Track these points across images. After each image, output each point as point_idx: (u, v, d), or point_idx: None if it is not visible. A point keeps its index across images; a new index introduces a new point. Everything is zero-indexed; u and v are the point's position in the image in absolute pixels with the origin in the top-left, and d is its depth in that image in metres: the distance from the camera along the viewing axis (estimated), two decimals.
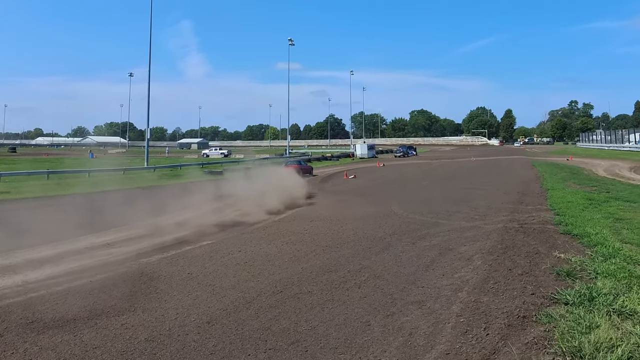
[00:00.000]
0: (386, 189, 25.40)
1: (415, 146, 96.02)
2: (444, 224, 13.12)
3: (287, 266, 9.14)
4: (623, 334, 5.28)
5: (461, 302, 6.73)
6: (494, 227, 12.37)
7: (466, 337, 5.50)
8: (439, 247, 10.38)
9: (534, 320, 5.91)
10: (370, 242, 11.13)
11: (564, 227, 11.71)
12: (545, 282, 7.44)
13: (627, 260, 8.44)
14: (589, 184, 23.62)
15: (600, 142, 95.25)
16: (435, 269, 8.57)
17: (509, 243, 10.43)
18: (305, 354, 5.26)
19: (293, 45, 77.00)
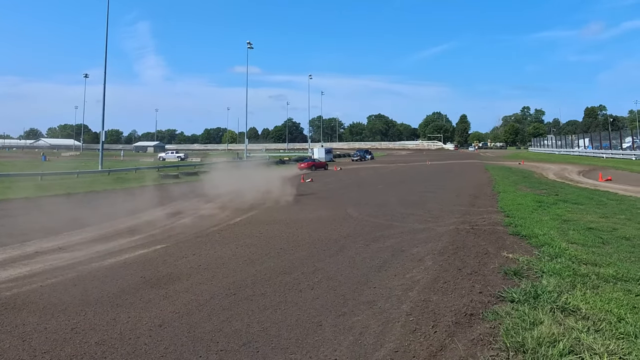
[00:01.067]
0: (342, 193, 25.56)
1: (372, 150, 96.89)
2: (397, 226, 13.29)
3: (241, 269, 9.12)
4: (565, 329, 5.46)
5: (411, 301, 6.84)
6: (446, 229, 12.60)
7: (415, 334, 5.60)
8: (392, 248, 10.52)
9: (481, 317, 6.06)
10: (324, 245, 11.19)
11: (513, 229, 12.02)
12: (493, 281, 7.63)
13: (572, 259, 8.73)
14: (539, 187, 24.29)
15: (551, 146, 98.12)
16: (387, 270, 8.68)
17: (459, 244, 10.64)
18: (256, 355, 5.27)
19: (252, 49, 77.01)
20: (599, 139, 74.16)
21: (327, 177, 39.16)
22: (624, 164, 44.11)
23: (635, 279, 7.52)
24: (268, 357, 5.20)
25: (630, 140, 62.10)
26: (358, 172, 46.86)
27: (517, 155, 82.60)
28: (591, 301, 6.41)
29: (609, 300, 6.44)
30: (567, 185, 26.74)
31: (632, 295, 6.74)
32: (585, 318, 5.85)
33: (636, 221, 13.18)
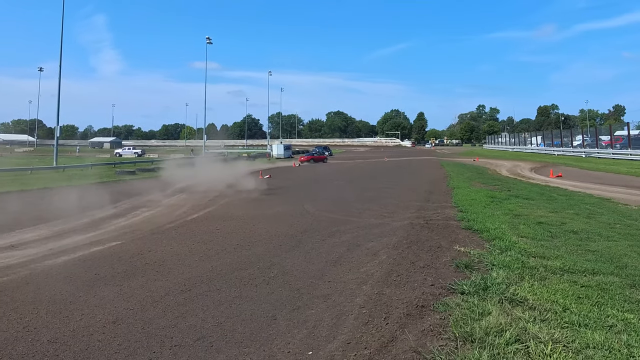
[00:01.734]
0: (300, 189, 25.62)
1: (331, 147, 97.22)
2: (354, 222, 13.41)
3: (197, 265, 9.07)
4: (512, 319, 5.64)
5: (365, 294, 6.94)
6: (401, 224, 12.79)
7: (367, 327, 5.69)
8: (347, 243, 10.62)
9: (432, 309, 6.19)
10: (281, 240, 11.22)
11: (466, 223, 12.28)
12: (445, 274, 7.79)
13: (522, 252, 8.98)
14: (492, 183, 24.81)
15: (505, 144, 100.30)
16: (342, 264, 8.77)
17: (413, 238, 10.82)
18: (210, 349, 5.27)
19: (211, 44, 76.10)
20: (550, 137, 76.36)
21: (285, 173, 39.14)
22: (574, 161, 45.46)
23: (581, 271, 7.79)
24: (222, 352, 5.21)
25: (581, 139, 64.00)
26: (317, 168, 47.01)
27: (472, 152, 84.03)
28: (538, 292, 6.62)
29: (555, 291, 6.66)
30: (520, 181, 27.41)
31: (578, 286, 6.98)
32: (532, 308, 6.04)
33: (584, 216, 13.63)
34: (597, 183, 25.29)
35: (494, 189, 21.39)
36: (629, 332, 5.30)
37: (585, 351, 4.83)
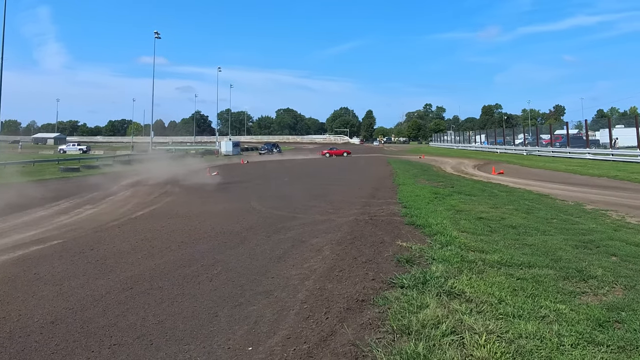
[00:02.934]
0: (248, 186, 25.51)
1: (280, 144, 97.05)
2: (300, 218, 13.47)
3: (139, 263, 8.95)
4: (449, 312, 5.78)
5: (307, 290, 6.99)
6: (346, 220, 12.91)
7: (308, 322, 5.74)
8: (292, 239, 10.66)
9: (372, 303, 6.28)
10: (226, 237, 11.18)
11: (409, 219, 12.48)
12: (386, 269, 7.91)
13: (462, 247, 9.21)
14: (436, 180, 25.30)
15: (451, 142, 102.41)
16: (286, 260, 8.80)
17: (357, 234, 10.95)
18: (149, 347, 5.22)
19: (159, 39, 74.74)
20: (494, 135, 78.43)
21: (233, 170, 38.90)
22: (516, 159, 46.76)
23: (517, 264, 8.05)
24: (161, 349, 5.16)
25: (522, 137, 66.03)
26: (265, 165, 46.89)
27: (418, 150, 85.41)
28: (475, 285, 6.81)
29: (491, 284, 6.87)
30: (463, 178, 28.05)
31: (514, 279, 7.21)
32: (469, 301, 6.21)
33: (522, 211, 14.05)
34: (537, 180, 26.15)
35: (438, 186, 21.82)
36: (560, 322, 5.52)
37: (517, 341, 4.99)
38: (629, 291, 6.91)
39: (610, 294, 6.78)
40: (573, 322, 5.57)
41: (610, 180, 25.27)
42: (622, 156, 38.01)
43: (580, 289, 6.96)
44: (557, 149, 50.29)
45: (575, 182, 24.96)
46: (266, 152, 78.36)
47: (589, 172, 29.53)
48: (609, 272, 7.73)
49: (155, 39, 74.18)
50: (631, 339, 5.13)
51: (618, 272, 7.79)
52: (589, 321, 5.62)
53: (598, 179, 26.27)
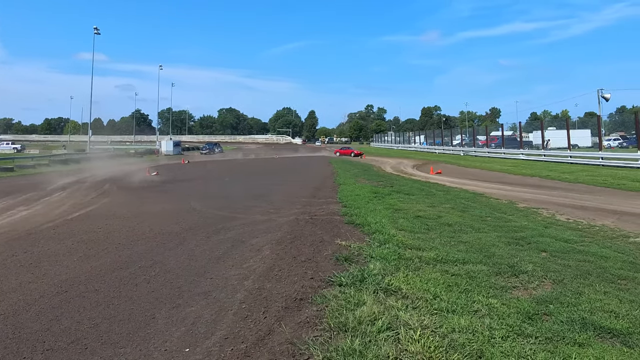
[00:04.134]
0: (188, 186, 25.20)
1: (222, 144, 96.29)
2: (240, 218, 13.41)
3: (75, 265, 8.71)
4: (385, 308, 5.90)
5: (246, 289, 6.98)
6: (286, 220, 12.94)
7: (246, 321, 5.74)
8: (232, 240, 10.61)
9: (310, 301, 6.34)
10: (165, 238, 11.02)
11: (348, 218, 12.65)
12: (325, 267, 7.99)
13: (399, 245, 9.40)
14: (376, 179, 25.68)
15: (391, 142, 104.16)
16: (225, 261, 8.76)
17: (297, 233, 11.00)
18: (84, 352, 5.11)
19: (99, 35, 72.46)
20: (433, 136, 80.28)
21: (173, 170, 38.30)
22: (453, 159, 47.98)
23: (452, 261, 8.30)
24: (96, 353, 5.07)
25: (460, 138, 67.70)
26: (206, 165, 46.37)
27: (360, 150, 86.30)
28: (412, 282, 6.98)
29: (427, 281, 7.06)
30: (402, 177, 28.56)
31: (449, 275, 7.44)
32: (405, 297, 6.37)
33: (458, 210, 14.45)
34: (473, 179, 26.92)
35: (378, 185, 22.16)
36: (492, 316, 5.74)
37: (451, 335, 5.16)
38: (557, 285, 7.24)
39: (539, 288, 7.08)
40: (504, 315, 5.79)
41: (542, 179, 26.25)
42: (553, 157, 39.74)
43: (511, 284, 7.24)
44: (493, 149, 51.98)
45: (509, 181, 25.84)
46: (207, 152, 77.46)
47: (522, 172, 30.61)
48: (539, 267, 8.07)
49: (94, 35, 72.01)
50: (558, 331, 5.38)
51: (547, 267, 8.14)
52: (519, 314, 5.86)
53: (530, 178, 27.26)
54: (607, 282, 7.45)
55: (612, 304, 6.39)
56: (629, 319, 5.88)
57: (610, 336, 5.39)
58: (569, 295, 6.71)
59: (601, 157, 34.04)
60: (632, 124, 39.63)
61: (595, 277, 7.72)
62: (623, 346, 5.11)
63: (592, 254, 9.24)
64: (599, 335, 5.39)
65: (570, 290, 6.97)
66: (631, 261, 8.86)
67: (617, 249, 9.90)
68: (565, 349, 4.93)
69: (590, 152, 38.69)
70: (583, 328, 5.50)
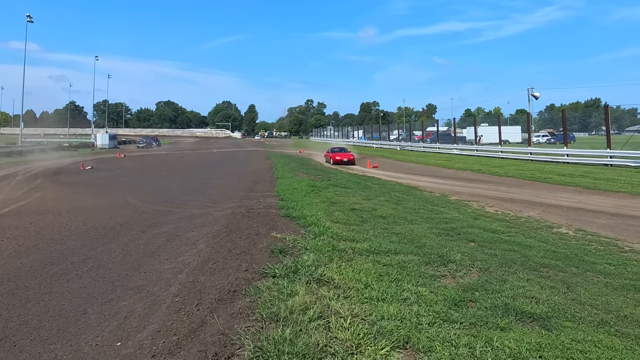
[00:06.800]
0: (124, 180, 24.67)
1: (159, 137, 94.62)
2: (176, 212, 13.30)
3: (4, 262, 8.45)
4: (317, 298, 6.06)
5: (180, 283, 6.99)
6: (223, 213, 12.94)
7: (179, 314, 5.77)
8: (167, 234, 10.54)
9: (243, 293, 6.42)
10: (99, 233, 10.82)
11: (285, 211, 12.77)
12: (260, 259, 8.08)
13: (334, 236, 9.60)
14: (314, 173, 25.90)
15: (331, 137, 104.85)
16: (160, 255, 8.71)
17: (233, 227, 11.04)
18: (12, 349, 5.02)
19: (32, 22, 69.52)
20: (371, 131, 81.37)
21: (109, 164, 37.39)
22: (390, 153, 48.84)
23: (384, 252, 8.55)
24: (25, 350, 4.99)
25: (397, 133, 68.92)
26: (143, 159, 45.45)
27: (299, 144, 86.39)
28: (344, 272, 7.16)
29: (359, 271, 7.26)
30: (340, 171, 28.89)
31: (380, 265, 7.67)
32: (337, 287, 6.54)
33: (393, 202, 14.80)
34: (408, 173, 27.54)
35: (316, 179, 22.38)
36: (420, 304, 5.97)
37: (380, 322, 5.34)
38: (483, 273, 7.58)
39: (466, 277, 7.39)
40: (431, 303, 6.04)
41: (473, 173, 27.09)
42: (485, 152, 41.18)
43: (440, 273, 7.54)
44: (428, 144, 53.32)
45: (443, 175, 26.56)
46: (145, 145, 75.92)
47: (455, 166, 31.50)
48: (467, 257, 8.42)
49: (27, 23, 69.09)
50: (482, 316, 5.66)
51: (475, 257, 8.50)
52: (446, 301, 6.12)
53: (463, 172, 28.11)
54: (530, 270, 7.86)
55: (534, 290, 6.76)
56: (549, 304, 6.23)
57: (530, 320, 5.71)
58: (493, 283, 7.04)
59: (530, 152, 35.42)
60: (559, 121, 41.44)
61: (520, 265, 8.12)
62: (542, 329, 5.43)
63: (517, 244, 9.70)
64: (520, 320, 5.70)
65: (495, 278, 7.33)
66: (553, 250, 9.35)
67: (541, 238, 10.42)
68: (487, 333, 5.19)
69: (520, 148, 40.14)
70: (505, 313, 5.81)
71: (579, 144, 47.61)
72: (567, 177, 22.89)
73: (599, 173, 24.23)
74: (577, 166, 28.73)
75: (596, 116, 70.13)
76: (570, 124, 42.94)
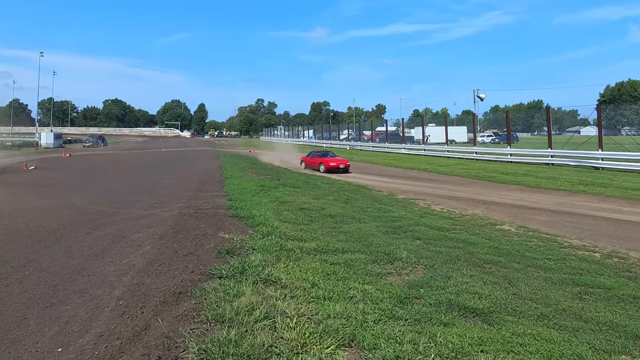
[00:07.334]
0: (69, 180, 24.03)
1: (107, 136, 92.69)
2: (122, 213, 13.05)
3: None
4: (264, 298, 6.06)
5: (124, 285, 6.86)
6: (170, 214, 12.76)
7: (122, 318, 5.67)
8: (113, 235, 10.33)
9: (189, 295, 6.36)
10: (41, 235, 10.51)
11: (233, 211, 12.70)
12: (206, 260, 8.02)
13: (282, 236, 9.62)
14: (264, 173, 25.82)
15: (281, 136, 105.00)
16: (105, 257, 8.53)
17: (181, 227, 10.91)
18: None
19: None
20: (321, 130, 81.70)
21: (54, 163, 36.33)
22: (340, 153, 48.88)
23: (332, 251, 8.62)
24: None
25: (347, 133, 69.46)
26: (89, 158, 44.36)
27: (249, 144, 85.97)
28: (291, 272, 7.19)
29: (307, 270, 7.31)
30: (290, 171, 28.95)
31: (328, 264, 7.73)
32: (284, 287, 6.56)
33: (342, 201, 14.91)
34: (358, 172, 27.80)
35: (265, 179, 22.31)
36: (366, 302, 6.05)
37: (326, 321, 5.39)
38: (429, 270, 7.73)
39: (412, 274, 7.53)
40: (377, 300, 6.12)
41: (420, 172, 27.58)
42: (432, 151, 42.05)
43: (386, 271, 7.65)
44: (377, 144, 54.02)
45: (391, 174, 26.94)
46: (91, 144, 74.06)
47: (404, 165, 32.00)
48: (413, 254, 8.57)
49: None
50: (426, 312, 5.79)
51: (420, 254, 8.66)
52: (392, 299, 6.23)
53: (410, 171, 28.60)
54: (474, 266, 8.06)
55: (477, 286, 6.94)
56: (491, 299, 6.41)
57: (473, 315, 5.86)
58: (438, 279, 7.20)
59: (475, 152, 36.36)
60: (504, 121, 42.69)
61: (464, 261, 8.32)
62: (484, 324, 5.58)
63: (462, 241, 9.93)
64: (463, 315, 5.84)
65: (440, 274, 7.49)
66: (496, 247, 9.61)
67: (484, 235, 10.69)
68: (431, 329, 5.30)
69: (465, 147, 41.16)
70: (449, 309, 5.94)
71: (522, 143, 49.13)
72: (511, 176, 23.56)
73: (541, 172, 25.03)
74: (520, 165, 29.62)
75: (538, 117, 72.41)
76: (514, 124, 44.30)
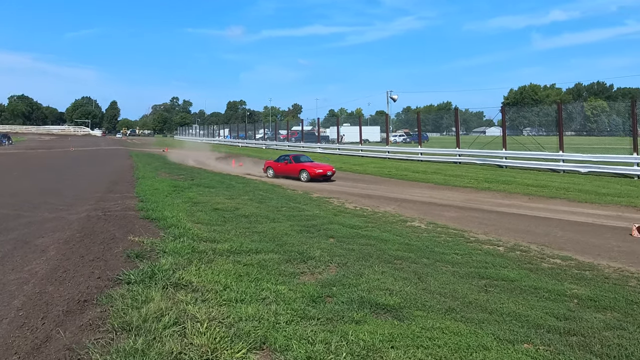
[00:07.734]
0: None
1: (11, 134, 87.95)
2: (26, 216, 12.38)
3: None
4: (174, 303, 5.90)
5: (25, 295, 6.46)
6: (77, 217, 12.21)
7: (22, 329, 5.31)
8: (14, 241, 9.72)
9: (95, 302, 6.07)
10: None
11: (144, 213, 12.34)
12: (114, 265, 7.71)
13: (194, 238, 9.45)
14: (178, 173, 25.34)
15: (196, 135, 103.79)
16: (5, 264, 7.99)
17: (88, 231, 10.43)
18: None
19: None
20: (237, 129, 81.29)
21: None
22: (255, 152, 49.14)
23: (245, 251, 8.57)
24: None
25: (263, 132, 69.42)
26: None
27: (163, 143, 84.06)
28: (203, 275, 7.07)
29: (219, 272, 7.21)
30: (204, 170, 28.54)
31: (241, 265, 7.68)
32: (195, 290, 6.43)
33: (256, 201, 14.87)
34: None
35: (179, 179, 21.89)
36: (278, 302, 6.05)
37: (237, 324, 5.33)
38: (341, 268, 7.84)
39: (325, 272, 7.61)
40: (290, 300, 6.13)
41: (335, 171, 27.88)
42: (346, 150, 42.96)
43: (300, 270, 7.69)
44: (293, 143, 54.44)
45: None
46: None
47: None
48: (326, 253, 8.67)
49: None
50: (338, 311, 5.85)
51: (334, 252, 8.76)
52: (304, 298, 6.26)
53: None
54: (385, 263, 8.24)
55: (388, 282, 7.10)
56: (401, 294, 6.58)
57: (384, 312, 5.98)
58: (351, 277, 7.31)
59: (388, 151, 37.30)
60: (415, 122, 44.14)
61: (376, 258, 8.49)
62: (395, 320, 5.71)
63: (374, 238, 10.12)
64: (375, 312, 5.95)
65: (353, 272, 7.60)
66: (407, 243, 9.87)
67: (396, 232, 10.96)
68: (343, 327, 5.36)
69: (379, 147, 42.07)
70: (361, 306, 6.04)
71: (432, 143, 50.84)
72: (421, 174, 24.32)
73: (449, 170, 26.00)
74: (430, 164, 30.64)
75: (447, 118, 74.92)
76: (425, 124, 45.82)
